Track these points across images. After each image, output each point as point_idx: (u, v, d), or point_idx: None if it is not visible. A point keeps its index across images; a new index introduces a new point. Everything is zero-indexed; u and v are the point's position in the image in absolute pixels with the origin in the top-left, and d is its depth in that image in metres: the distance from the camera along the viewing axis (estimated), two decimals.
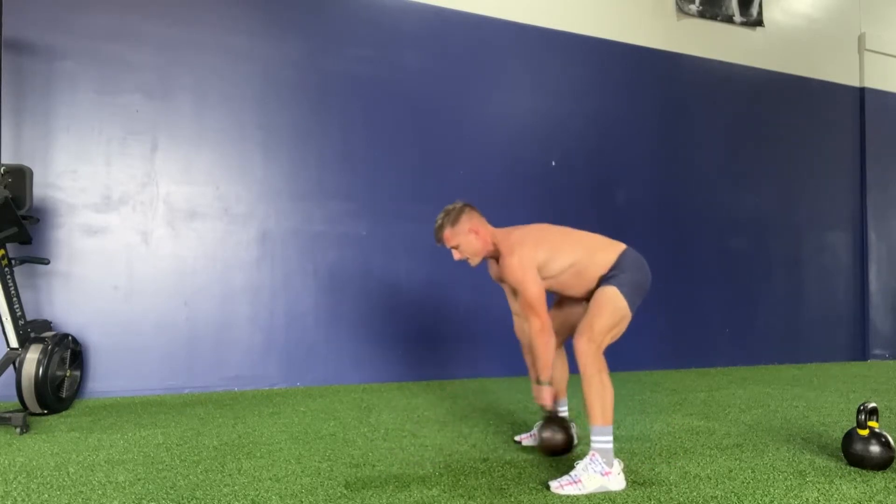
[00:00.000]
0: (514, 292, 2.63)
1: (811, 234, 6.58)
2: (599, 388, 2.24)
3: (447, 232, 2.54)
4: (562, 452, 2.58)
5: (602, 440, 2.21)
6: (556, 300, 2.73)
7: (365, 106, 4.80)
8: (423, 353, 4.85)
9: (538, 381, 2.55)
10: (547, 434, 2.54)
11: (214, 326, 4.30)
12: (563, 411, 2.81)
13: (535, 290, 2.39)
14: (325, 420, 3.32)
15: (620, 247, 2.47)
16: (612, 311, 2.34)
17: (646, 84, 5.88)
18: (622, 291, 2.35)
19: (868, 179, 6.84)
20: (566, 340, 2.68)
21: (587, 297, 2.44)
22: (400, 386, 4.53)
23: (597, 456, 2.19)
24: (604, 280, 2.39)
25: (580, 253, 2.44)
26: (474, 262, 2.61)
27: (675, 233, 5.91)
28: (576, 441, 2.63)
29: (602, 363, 2.28)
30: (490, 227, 2.61)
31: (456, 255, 2.59)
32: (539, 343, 2.44)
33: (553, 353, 2.50)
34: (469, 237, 2.54)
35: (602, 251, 2.45)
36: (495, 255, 2.59)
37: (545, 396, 2.54)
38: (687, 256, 5.94)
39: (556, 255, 2.43)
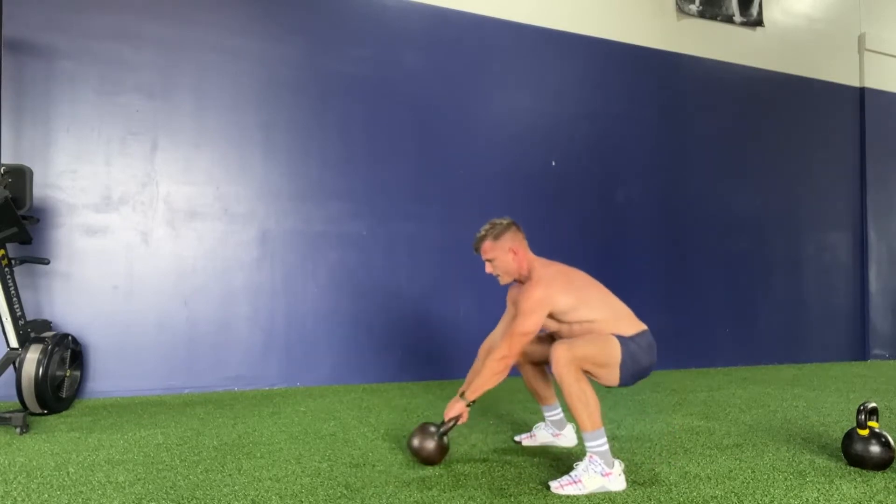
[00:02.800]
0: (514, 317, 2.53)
1: (811, 234, 6.58)
2: (580, 395, 2.20)
3: (487, 243, 2.51)
4: (427, 462, 2.44)
5: (597, 444, 2.20)
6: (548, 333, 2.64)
7: (365, 106, 4.80)
8: (423, 354, 4.85)
9: (461, 395, 2.45)
10: (416, 441, 2.43)
11: (214, 326, 4.30)
12: (557, 415, 2.81)
13: (531, 326, 2.34)
14: (325, 420, 3.32)
15: (643, 326, 2.44)
16: (601, 350, 2.29)
17: (646, 84, 5.88)
18: (622, 350, 2.30)
19: (868, 179, 6.84)
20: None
21: None
22: (400, 386, 4.53)
23: (595, 457, 2.18)
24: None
25: (605, 314, 2.40)
26: (504, 280, 2.56)
27: (675, 232, 5.91)
28: (446, 450, 2.47)
29: (579, 372, 2.23)
30: (530, 253, 2.56)
31: (488, 268, 2.55)
32: (492, 368, 2.34)
33: (494, 382, 2.37)
34: (507, 255, 2.50)
35: (626, 321, 2.41)
36: (522, 280, 2.54)
37: (454, 409, 2.43)
38: (687, 256, 5.94)
39: (580, 306, 2.39)
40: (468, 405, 2.45)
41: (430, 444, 2.42)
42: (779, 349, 6.28)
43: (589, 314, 2.38)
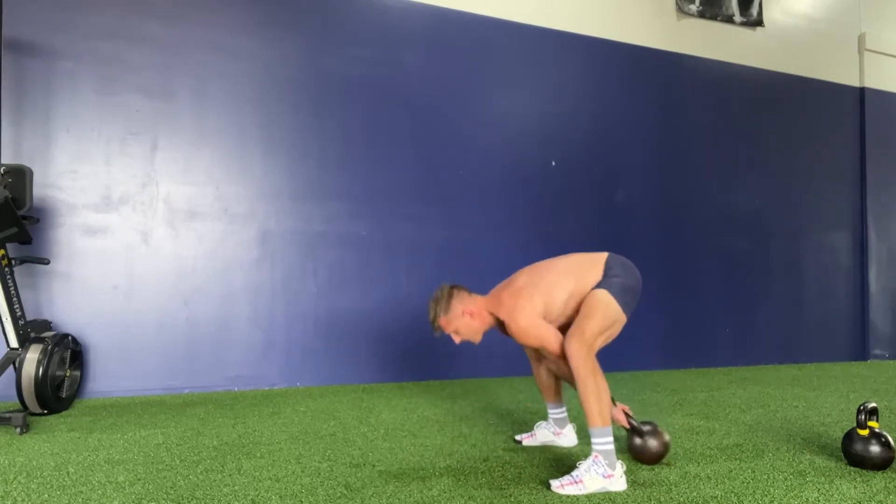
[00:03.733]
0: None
1: (811, 234, 6.58)
2: (595, 390, 2.23)
3: (442, 321, 2.51)
4: (657, 458, 2.49)
5: (603, 441, 2.21)
6: None
7: (365, 106, 4.80)
8: (423, 353, 4.85)
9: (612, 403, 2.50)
10: (638, 443, 2.49)
11: (214, 326, 4.30)
12: (561, 413, 2.81)
13: (554, 340, 2.36)
14: (325, 420, 3.32)
15: (603, 256, 2.48)
16: (603, 314, 2.34)
17: (646, 84, 5.88)
18: (612, 293, 2.36)
19: (868, 179, 6.84)
20: None
21: None
22: (400, 386, 4.53)
23: (600, 458, 2.18)
24: (594, 287, 2.40)
25: (571, 283, 2.44)
26: (476, 339, 2.57)
27: (675, 232, 5.91)
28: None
29: (595, 365, 2.26)
30: (480, 301, 2.55)
31: (457, 339, 2.56)
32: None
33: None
34: (464, 320, 2.51)
35: (589, 270, 2.45)
36: (497, 323, 2.55)
37: (618, 418, 2.50)
38: (687, 256, 5.94)
39: (551, 298, 2.42)
40: (613, 402, 2.48)
41: (654, 442, 2.48)
42: (779, 349, 6.28)
43: (561, 295, 2.42)
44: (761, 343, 6.21)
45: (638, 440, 2.50)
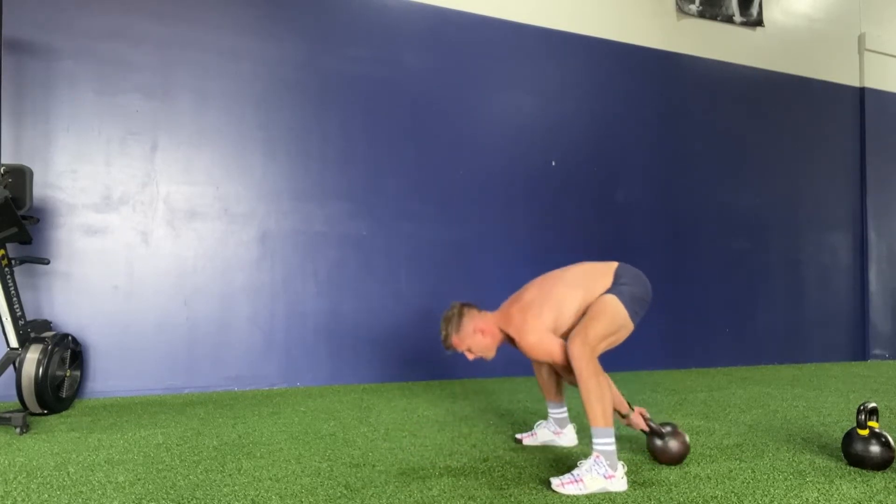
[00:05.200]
0: None
1: (811, 234, 6.58)
2: (597, 390, 2.23)
3: (454, 339, 2.53)
4: (679, 459, 2.50)
5: (604, 442, 2.21)
6: None
7: (365, 106, 4.80)
8: (423, 354, 4.84)
9: (623, 416, 2.53)
10: (660, 444, 2.50)
11: (214, 326, 4.30)
12: (562, 413, 2.81)
13: (561, 354, 2.37)
14: (325, 420, 3.32)
15: (613, 266, 2.48)
16: (609, 318, 2.34)
17: (646, 84, 5.88)
18: (622, 300, 2.36)
19: (868, 179, 6.84)
20: None
21: None
22: (400, 386, 4.53)
23: (601, 458, 2.19)
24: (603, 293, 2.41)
25: (580, 294, 2.44)
26: (489, 356, 2.58)
27: (675, 232, 5.91)
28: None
29: (597, 367, 2.27)
30: (490, 317, 2.55)
31: (470, 357, 2.58)
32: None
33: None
34: (476, 338, 2.52)
35: (598, 279, 2.45)
36: (507, 339, 2.56)
37: (636, 423, 2.53)
38: (687, 256, 5.94)
39: (561, 311, 2.43)
40: (632, 409, 2.54)
41: (674, 443, 2.48)
42: (779, 349, 6.28)
43: (572, 306, 2.43)
44: (761, 343, 6.21)
45: (659, 441, 2.50)
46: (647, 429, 2.53)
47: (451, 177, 5.02)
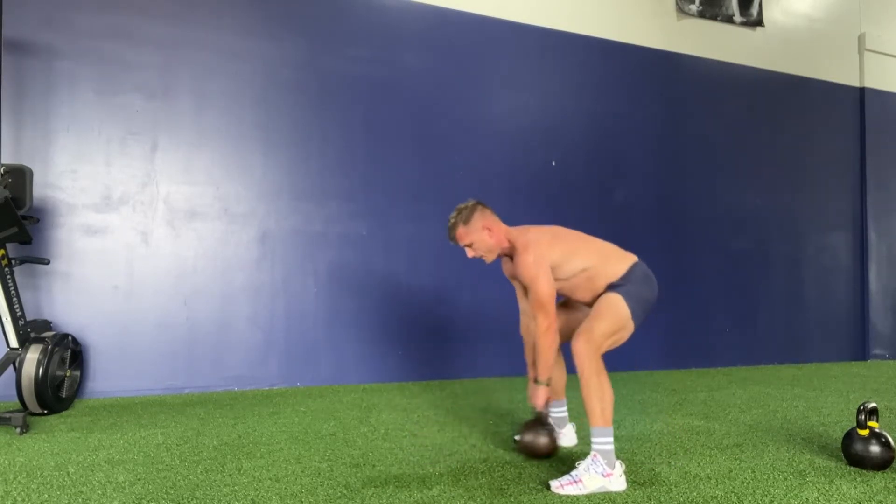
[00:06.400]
0: (526, 290, 2.61)
1: (811, 234, 6.58)
2: (598, 389, 2.24)
3: (460, 230, 2.54)
4: (542, 457, 2.54)
5: (603, 441, 2.21)
6: (562, 301, 2.73)
7: (365, 106, 4.80)
8: (423, 353, 4.85)
9: (535, 381, 2.54)
10: (529, 437, 2.51)
11: (214, 326, 4.30)
12: (562, 412, 2.81)
13: (546, 289, 2.40)
14: (325, 420, 3.32)
15: (632, 258, 2.49)
16: (613, 318, 2.35)
17: (646, 84, 5.88)
18: (627, 301, 2.36)
19: (868, 179, 6.84)
20: (565, 343, 2.68)
21: (593, 303, 2.45)
22: (400, 386, 4.53)
23: (598, 457, 2.19)
24: (611, 288, 2.40)
25: (594, 259, 2.46)
26: (488, 258, 2.59)
27: (675, 232, 5.91)
28: (557, 446, 2.58)
29: (600, 365, 2.28)
30: (503, 225, 2.59)
31: (469, 253, 2.58)
32: (543, 342, 2.44)
33: (554, 352, 2.49)
34: (482, 234, 2.53)
35: (615, 260, 2.46)
36: (509, 253, 2.58)
37: (539, 396, 2.53)
38: (687, 256, 5.94)
39: (569, 258, 2.44)
40: (547, 385, 2.52)
41: (544, 439, 2.50)
42: (779, 349, 6.28)
43: (581, 263, 2.44)
44: (761, 343, 6.21)
45: (529, 435, 2.50)
46: (543, 409, 2.53)
47: (451, 177, 5.02)
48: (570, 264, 2.44)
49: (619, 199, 5.70)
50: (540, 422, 2.54)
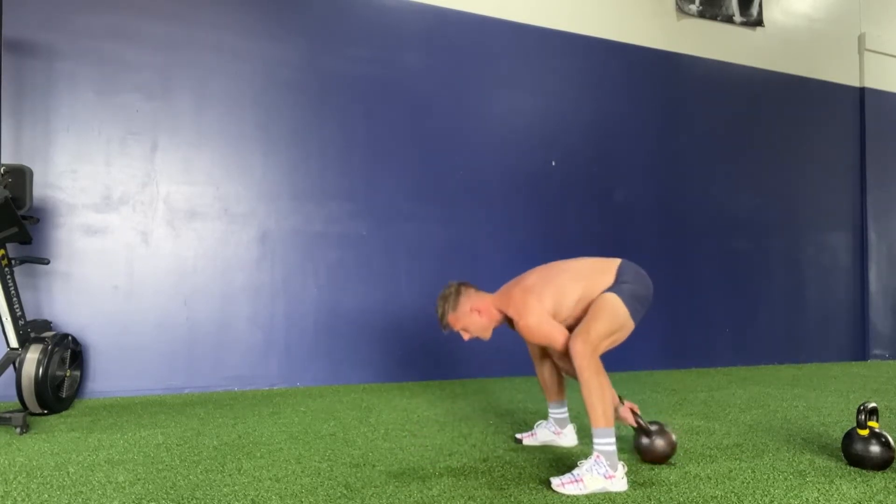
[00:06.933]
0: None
1: (811, 234, 6.58)
2: (598, 390, 2.23)
3: (450, 318, 2.53)
4: (664, 458, 2.51)
5: (605, 442, 2.21)
6: None
7: (365, 106, 4.80)
8: (423, 353, 4.85)
9: (619, 400, 2.52)
10: (646, 442, 2.50)
11: (214, 326, 4.30)
12: (562, 413, 2.81)
13: (560, 339, 2.38)
14: (325, 420, 3.32)
15: (615, 262, 2.49)
16: (610, 317, 2.34)
17: (646, 84, 5.88)
18: (623, 299, 2.36)
19: (868, 179, 6.84)
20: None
21: None
22: (400, 386, 4.53)
23: (601, 458, 2.18)
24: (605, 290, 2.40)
25: (581, 285, 2.44)
26: (485, 336, 2.58)
27: (675, 233, 5.91)
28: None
29: (598, 366, 2.27)
30: (488, 298, 2.56)
31: (466, 336, 2.58)
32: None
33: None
34: (472, 317, 2.52)
35: (599, 275, 2.46)
36: (505, 320, 2.56)
37: (625, 417, 2.53)
38: (687, 256, 5.94)
39: (561, 299, 2.43)
40: (621, 401, 2.54)
41: (660, 442, 2.49)
42: (779, 349, 6.28)
43: (573, 296, 2.43)
44: (761, 343, 6.21)
45: (645, 439, 2.50)
46: (635, 424, 2.53)
47: (451, 177, 5.02)
48: (565, 302, 2.43)
49: (619, 199, 5.70)
50: (643, 431, 2.51)
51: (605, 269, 2.48)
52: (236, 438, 2.89)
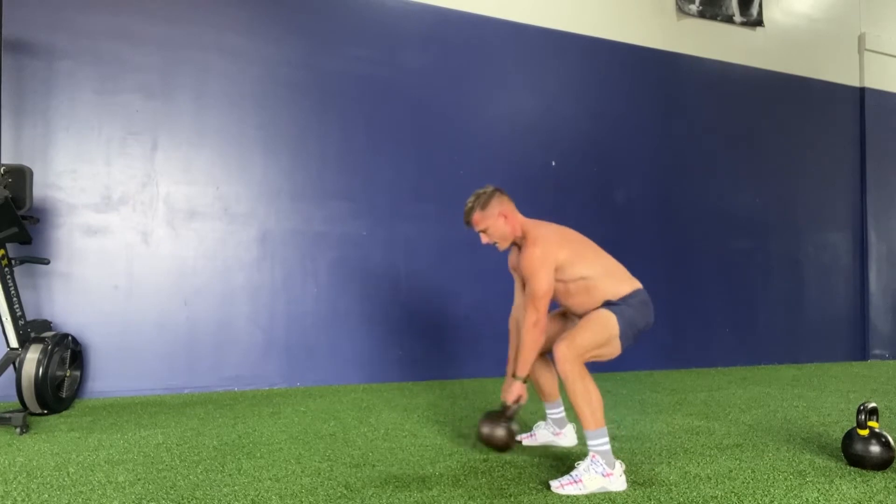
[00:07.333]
0: (524, 284, 2.57)
1: (811, 234, 6.58)
2: (584, 393, 2.22)
3: (477, 215, 2.54)
4: (499, 450, 2.54)
5: (599, 443, 2.21)
6: (559, 311, 2.70)
7: (365, 106, 4.80)
8: (422, 353, 4.85)
9: (513, 375, 2.50)
10: (486, 429, 2.49)
11: (214, 326, 4.30)
12: (559, 413, 2.81)
13: (544, 286, 2.38)
14: (325, 420, 3.32)
15: (637, 284, 2.46)
16: (600, 332, 2.32)
17: (646, 84, 5.88)
18: (619, 320, 2.33)
19: (868, 179, 6.84)
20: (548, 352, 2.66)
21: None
22: (400, 386, 4.53)
23: (597, 457, 2.19)
24: (606, 305, 2.38)
25: (597, 270, 2.43)
26: (502, 246, 2.60)
27: (675, 233, 5.91)
28: (515, 441, 2.55)
29: (583, 369, 2.25)
30: (520, 215, 2.60)
31: (484, 239, 2.59)
32: (529, 337, 2.40)
33: (537, 350, 2.44)
34: (498, 221, 2.53)
35: (618, 280, 2.44)
36: (520, 243, 2.58)
37: (513, 392, 2.48)
38: (687, 256, 5.94)
39: (575, 262, 2.42)
40: (524, 381, 2.48)
41: (501, 431, 2.48)
42: (779, 349, 6.28)
43: (583, 270, 2.42)
44: (761, 343, 6.21)
45: (487, 427, 2.48)
46: (511, 404, 2.48)
47: (451, 177, 5.02)
48: (574, 268, 2.41)
49: (619, 199, 5.70)
50: (502, 414, 2.50)
51: (623, 279, 2.45)
52: (236, 438, 2.89)
